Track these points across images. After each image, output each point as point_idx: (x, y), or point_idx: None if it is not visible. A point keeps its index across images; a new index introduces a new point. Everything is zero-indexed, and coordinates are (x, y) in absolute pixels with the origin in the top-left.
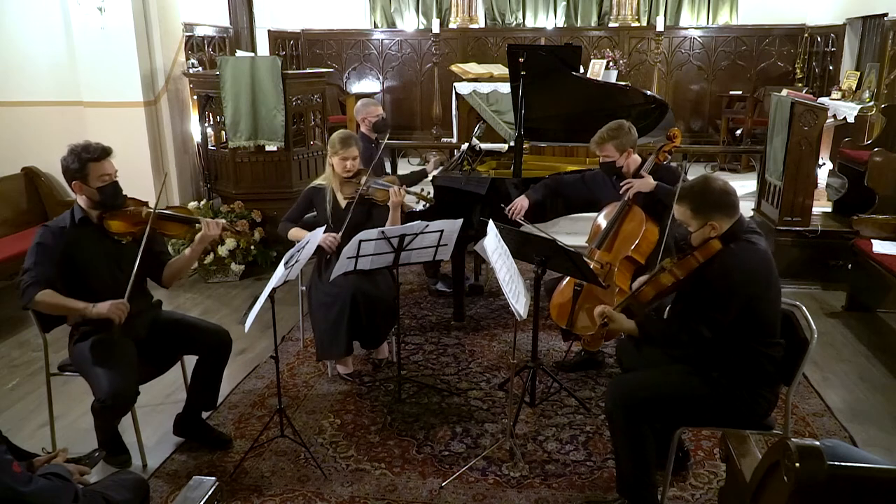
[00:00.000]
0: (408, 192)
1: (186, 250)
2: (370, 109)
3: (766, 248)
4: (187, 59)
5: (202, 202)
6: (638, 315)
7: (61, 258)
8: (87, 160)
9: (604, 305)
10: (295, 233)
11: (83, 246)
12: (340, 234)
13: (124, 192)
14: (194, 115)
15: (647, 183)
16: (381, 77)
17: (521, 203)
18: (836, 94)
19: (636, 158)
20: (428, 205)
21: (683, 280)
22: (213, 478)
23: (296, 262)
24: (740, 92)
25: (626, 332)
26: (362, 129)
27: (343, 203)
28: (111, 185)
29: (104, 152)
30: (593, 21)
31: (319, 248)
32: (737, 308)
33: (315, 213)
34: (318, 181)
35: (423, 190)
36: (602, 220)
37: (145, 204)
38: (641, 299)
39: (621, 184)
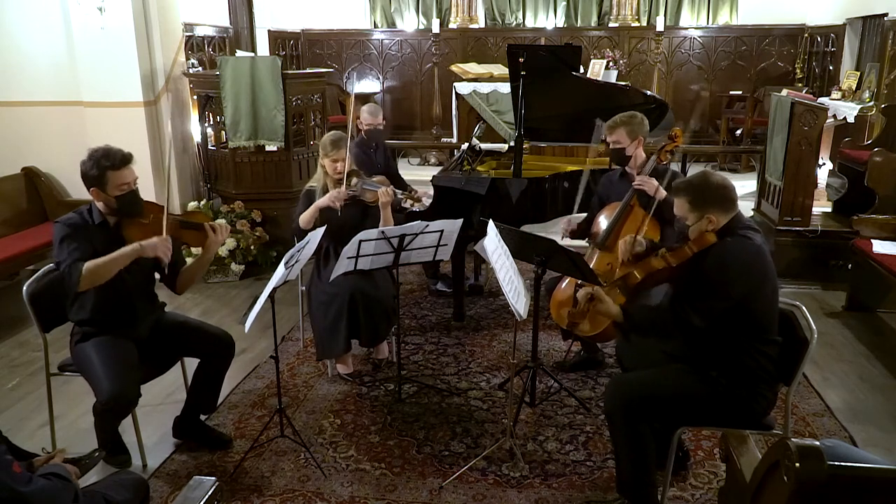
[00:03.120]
0: (396, 193)
1: (193, 259)
2: (366, 118)
3: (761, 244)
4: (187, 59)
5: (202, 202)
6: (625, 300)
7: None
8: (105, 168)
9: (596, 288)
10: (304, 215)
11: (101, 249)
12: (344, 187)
13: (142, 199)
14: (194, 115)
15: (660, 192)
16: (381, 77)
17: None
18: (836, 94)
19: (642, 153)
20: (415, 203)
21: (675, 269)
22: (213, 478)
23: (296, 262)
24: (740, 92)
25: (612, 317)
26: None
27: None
28: (129, 194)
29: (124, 160)
30: (593, 21)
31: (319, 248)
32: (730, 300)
33: None
34: (311, 183)
35: (410, 190)
36: (602, 219)
37: (162, 209)
38: (630, 282)
39: (636, 180)
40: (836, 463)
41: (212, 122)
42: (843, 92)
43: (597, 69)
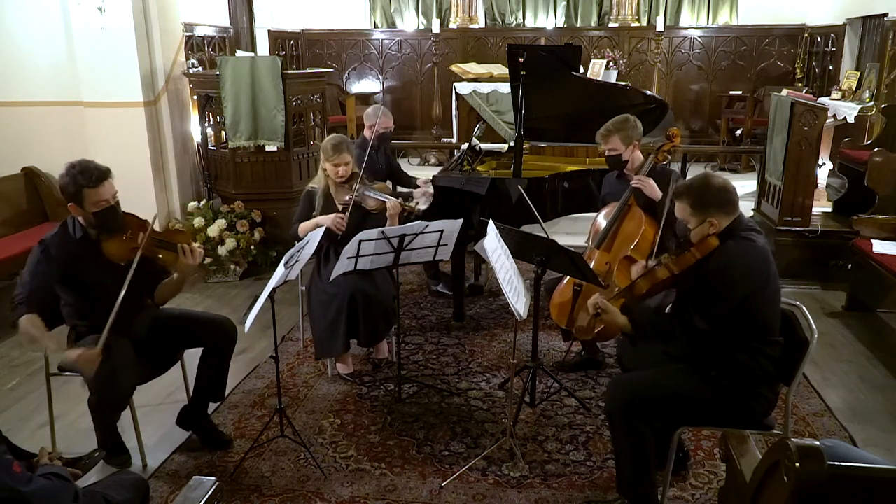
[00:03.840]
0: (402, 206)
1: (174, 276)
2: (383, 121)
3: (764, 246)
4: (187, 59)
5: (202, 202)
6: (632, 309)
7: (62, 275)
8: (82, 185)
9: (598, 296)
10: (304, 226)
11: (85, 263)
12: (347, 214)
13: (122, 212)
14: (194, 115)
15: (655, 192)
16: (381, 77)
17: None
18: (836, 94)
19: (639, 155)
20: (412, 215)
21: (680, 275)
22: (213, 478)
23: (296, 262)
24: (740, 92)
25: (619, 327)
26: (367, 133)
27: (340, 207)
28: (107, 210)
29: (100, 178)
30: (593, 21)
31: (319, 248)
32: (733, 303)
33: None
34: (312, 184)
35: (411, 199)
36: (602, 219)
37: (144, 223)
38: (636, 293)
39: (633, 180)
40: (836, 463)
41: (212, 122)
42: (843, 92)
43: (597, 69)
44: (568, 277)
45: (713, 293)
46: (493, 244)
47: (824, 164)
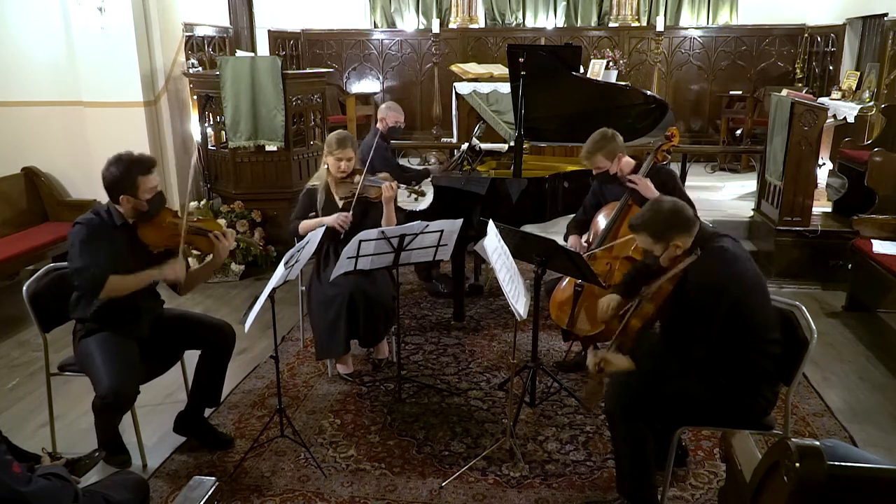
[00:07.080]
0: (399, 187)
1: (205, 260)
2: (394, 115)
3: (734, 248)
4: (187, 59)
5: (202, 202)
6: (630, 347)
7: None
8: (137, 174)
9: (598, 353)
10: (306, 224)
11: (122, 249)
12: (350, 212)
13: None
14: (194, 115)
15: (651, 192)
16: (381, 77)
17: (577, 243)
18: (836, 94)
19: (629, 161)
20: (419, 197)
21: (664, 305)
22: (213, 478)
23: (296, 262)
24: (740, 92)
25: (627, 369)
26: (380, 127)
27: (339, 203)
28: (158, 195)
29: (151, 165)
30: (593, 21)
31: (319, 248)
32: (721, 315)
33: (314, 213)
34: (312, 182)
35: (413, 183)
36: (601, 219)
37: (175, 213)
38: (630, 334)
39: (628, 181)
40: (836, 463)
41: (212, 122)
42: (843, 92)
43: (597, 69)
44: (568, 277)
45: (701, 313)
46: (493, 244)
47: (824, 164)
